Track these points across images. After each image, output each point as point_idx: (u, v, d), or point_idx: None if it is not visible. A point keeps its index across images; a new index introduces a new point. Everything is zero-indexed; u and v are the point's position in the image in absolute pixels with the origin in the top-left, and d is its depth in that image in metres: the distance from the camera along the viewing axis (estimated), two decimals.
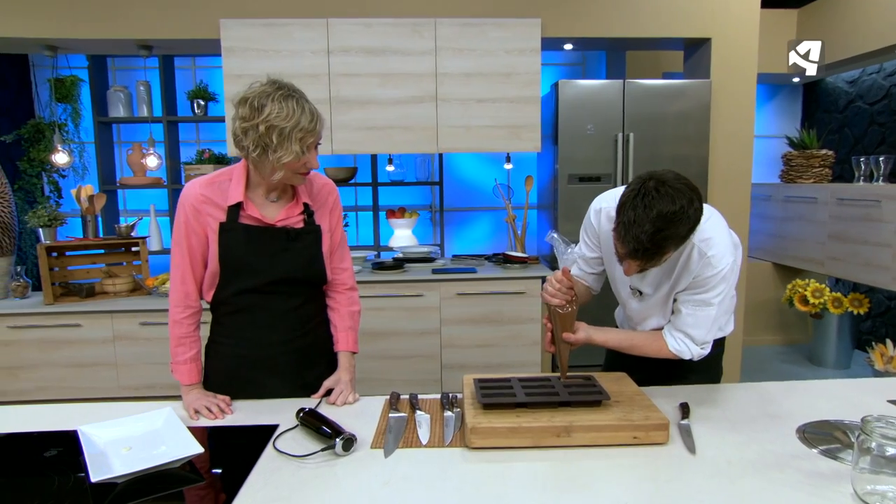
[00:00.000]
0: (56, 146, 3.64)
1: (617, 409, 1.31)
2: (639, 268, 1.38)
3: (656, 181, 1.30)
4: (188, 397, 1.52)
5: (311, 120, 1.39)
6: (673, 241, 1.30)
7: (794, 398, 1.53)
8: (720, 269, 1.43)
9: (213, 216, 1.50)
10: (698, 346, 1.51)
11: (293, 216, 1.56)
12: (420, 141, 3.43)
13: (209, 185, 1.51)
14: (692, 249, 1.45)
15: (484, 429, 1.23)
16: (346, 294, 1.72)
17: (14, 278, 3.62)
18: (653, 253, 1.30)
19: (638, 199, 1.29)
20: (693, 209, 1.29)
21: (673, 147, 3.38)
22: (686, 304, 1.49)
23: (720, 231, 1.47)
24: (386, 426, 1.36)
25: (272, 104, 1.35)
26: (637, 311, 1.63)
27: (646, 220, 1.26)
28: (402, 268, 3.55)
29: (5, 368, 3.40)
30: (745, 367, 3.99)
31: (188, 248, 1.53)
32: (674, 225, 1.27)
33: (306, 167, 1.45)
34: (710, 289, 1.46)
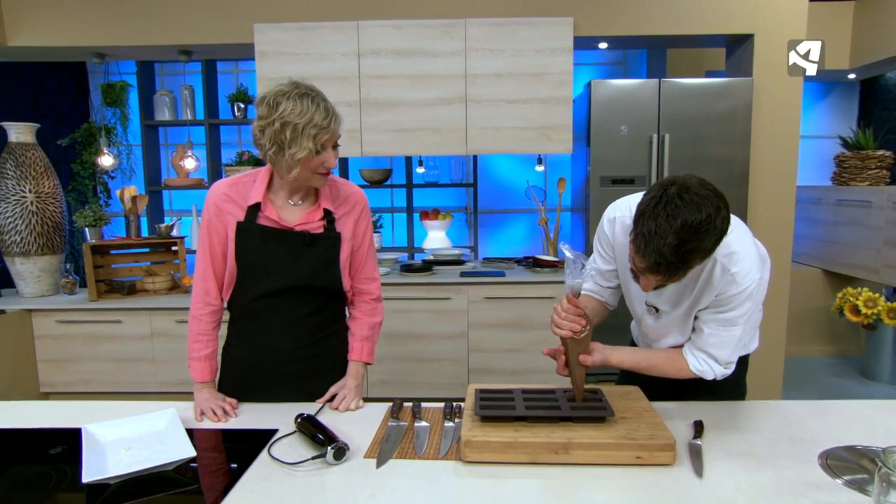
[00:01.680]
0: (102, 149, 3.79)
1: (621, 427, 1.25)
2: (658, 283, 1.28)
3: (679, 187, 1.18)
4: (198, 397, 1.54)
5: (326, 117, 1.39)
6: (698, 255, 1.19)
7: (823, 419, 1.43)
8: (745, 286, 1.33)
9: (233, 215, 1.51)
10: (722, 366, 1.42)
11: (313, 221, 1.55)
12: (449, 143, 3.41)
13: (233, 184, 1.53)
14: (714, 265, 1.34)
15: (478, 442, 1.20)
16: (371, 304, 1.69)
17: (64, 275, 3.80)
18: (676, 267, 1.19)
19: (659, 208, 1.17)
20: (720, 218, 1.18)
21: (711, 148, 3.24)
22: (708, 323, 1.40)
23: (745, 244, 1.36)
24: (384, 435, 1.34)
25: (287, 102, 1.37)
26: (653, 328, 1.53)
27: (668, 231, 1.15)
28: (430, 270, 3.53)
29: (54, 361, 3.56)
30: (788, 379, 3.80)
31: (209, 246, 1.54)
32: (700, 236, 1.16)
33: (324, 167, 1.44)
34: (735, 307, 1.35)
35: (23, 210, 3.55)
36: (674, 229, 1.15)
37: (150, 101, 4.40)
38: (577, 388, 1.33)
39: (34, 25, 3.57)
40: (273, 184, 1.54)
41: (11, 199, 3.54)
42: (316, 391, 1.59)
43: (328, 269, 1.57)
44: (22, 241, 3.57)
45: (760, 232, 3.41)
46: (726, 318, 1.37)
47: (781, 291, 3.45)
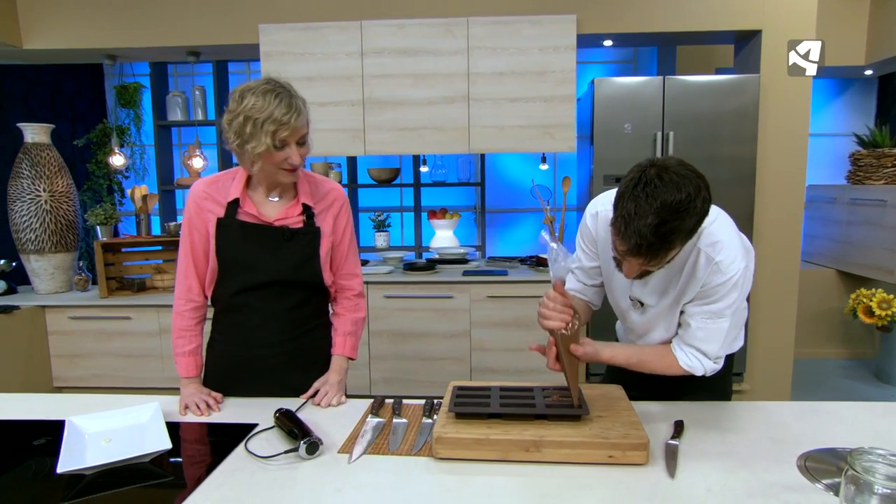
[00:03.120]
0: (113, 149, 3.87)
1: (596, 425, 1.24)
2: (641, 267, 1.26)
3: (658, 168, 1.16)
4: (184, 391, 1.56)
5: (287, 113, 1.38)
6: (679, 236, 1.17)
7: (808, 421, 1.40)
8: (731, 275, 1.31)
9: (213, 212, 1.54)
10: (711, 360, 1.40)
11: (292, 216, 1.56)
12: (452, 141, 3.41)
13: (213, 183, 1.56)
14: (698, 255, 1.33)
15: (450, 439, 1.20)
16: (353, 300, 1.72)
17: (77, 272, 3.88)
18: (657, 248, 1.17)
19: (638, 189, 1.15)
20: (701, 198, 1.16)
21: (716, 146, 3.19)
22: (695, 316, 1.38)
23: (729, 233, 1.35)
24: (361, 431, 1.35)
25: (251, 97, 1.38)
26: (638, 323, 1.51)
27: (648, 210, 1.13)
28: (433, 269, 3.53)
29: (66, 356, 3.64)
30: (799, 381, 3.72)
31: (191, 244, 1.57)
32: (680, 216, 1.14)
33: (288, 163, 1.45)
34: (721, 298, 1.34)
35: (37, 209, 3.64)
36: (653, 209, 1.13)
37: (162, 101, 4.47)
38: (572, 382, 1.31)
39: (48, 28, 3.66)
40: (252, 180, 1.55)
41: (26, 198, 3.63)
42: (299, 386, 1.60)
43: (308, 264, 1.58)
44: (37, 238, 3.66)
45: (768, 231, 3.35)
46: (713, 310, 1.35)
47: (790, 292, 3.39)
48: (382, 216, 4.31)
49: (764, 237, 3.35)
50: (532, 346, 1.40)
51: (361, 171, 4.34)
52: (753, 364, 3.41)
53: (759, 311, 3.38)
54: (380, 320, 3.42)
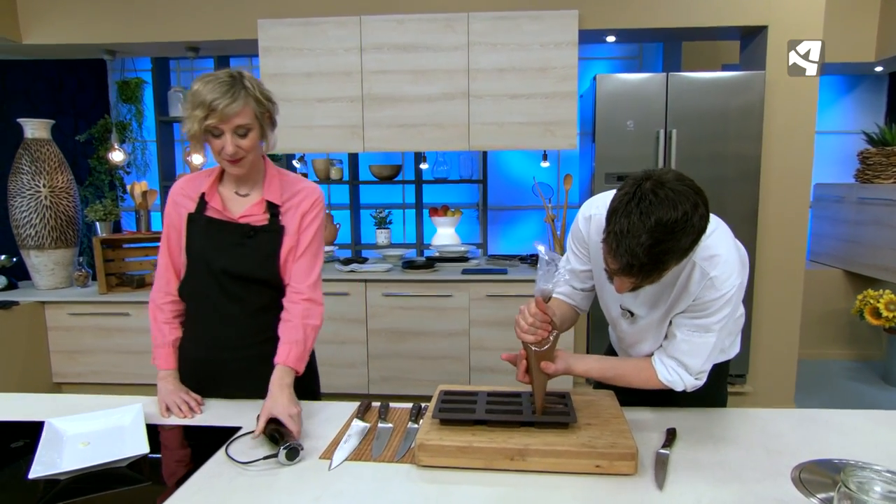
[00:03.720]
0: (112, 144, 3.85)
1: (584, 433, 1.20)
2: (632, 285, 1.22)
3: (654, 182, 1.11)
4: (163, 388, 1.54)
5: (216, 99, 1.35)
6: (674, 256, 1.12)
7: (805, 430, 1.36)
8: (724, 292, 1.25)
9: (186, 208, 1.55)
10: (693, 375, 1.34)
11: (257, 213, 1.53)
12: (452, 138, 3.37)
13: (191, 180, 1.57)
14: (693, 268, 1.28)
15: (433, 446, 1.17)
16: (302, 305, 1.53)
17: (77, 268, 3.88)
18: (650, 269, 1.12)
19: (632, 205, 1.10)
20: (698, 216, 1.11)
21: (721, 144, 3.14)
22: (682, 328, 1.33)
23: (726, 247, 1.29)
24: (344, 436, 1.32)
25: (200, 83, 1.39)
26: (628, 333, 1.47)
27: (642, 229, 1.08)
28: (432, 267, 3.50)
29: (66, 352, 3.64)
30: (803, 383, 3.67)
31: (168, 239, 1.57)
32: (675, 236, 1.09)
33: (225, 153, 1.41)
34: (712, 314, 1.28)
35: (37, 204, 3.63)
36: (647, 228, 1.08)
37: (164, 97, 4.45)
38: (538, 398, 1.26)
39: (47, 23, 3.64)
40: (223, 176, 1.56)
41: (26, 193, 3.62)
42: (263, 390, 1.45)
43: (267, 262, 1.53)
44: (36, 234, 3.65)
45: (773, 231, 3.30)
46: (701, 324, 1.31)
47: (795, 292, 3.34)
48: (384, 213, 4.28)
49: (769, 236, 3.30)
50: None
51: (363, 168, 4.31)
52: (756, 365, 3.36)
53: (762, 312, 3.33)
54: (378, 318, 3.39)
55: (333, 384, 3.44)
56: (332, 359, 3.41)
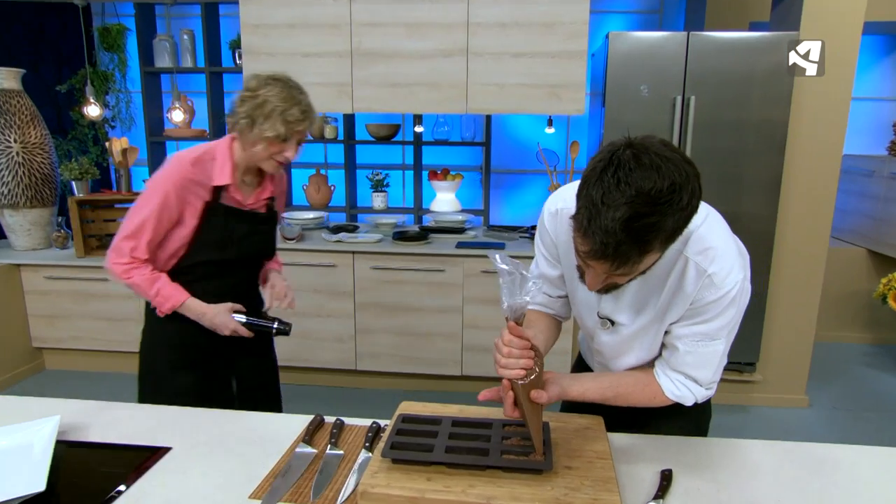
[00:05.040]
0: (88, 98, 3.60)
1: (560, 482, 1.01)
2: (607, 278, 0.99)
3: (636, 149, 0.90)
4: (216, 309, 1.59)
5: (302, 113, 1.49)
6: (657, 236, 0.90)
7: (828, 476, 1.15)
8: (727, 290, 1.06)
9: (197, 195, 1.54)
10: (704, 387, 1.16)
11: (260, 201, 1.67)
12: (448, 100, 3.09)
13: (197, 163, 1.54)
14: (686, 266, 1.07)
15: (377, 495, 0.98)
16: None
17: (56, 229, 3.70)
18: (628, 251, 0.90)
19: (608, 173, 0.89)
20: (689, 191, 0.89)
21: (744, 110, 2.83)
22: (683, 339, 1.13)
23: (721, 237, 1.08)
24: (284, 466, 1.13)
25: (277, 86, 1.48)
26: (608, 345, 1.24)
27: (619, 200, 0.87)
28: (426, 239, 3.28)
29: (44, 316, 3.50)
30: (818, 368, 3.46)
31: (157, 215, 1.50)
32: (660, 210, 0.87)
33: (283, 156, 1.53)
34: (715, 317, 1.08)
35: (9, 161, 3.43)
36: (626, 198, 0.86)
37: (149, 45, 4.16)
38: (535, 435, 1.05)
39: None
40: (235, 163, 1.59)
41: None
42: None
43: (271, 243, 1.77)
44: (9, 192, 3.46)
45: (796, 205, 3.01)
46: (704, 331, 1.10)
47: (816, 271, 3.07)
48: (380, 175, 4.04)
49: (791, 211, 3.02)
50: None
51: (359, 127, 4.04)
52: (768, 351, 3.14)
53: (779, 293, 3.08)
54: (366, 292, 3.20)
55: (320, 359, 3.29)
56: (318, 332, 3.24)
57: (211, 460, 1.16)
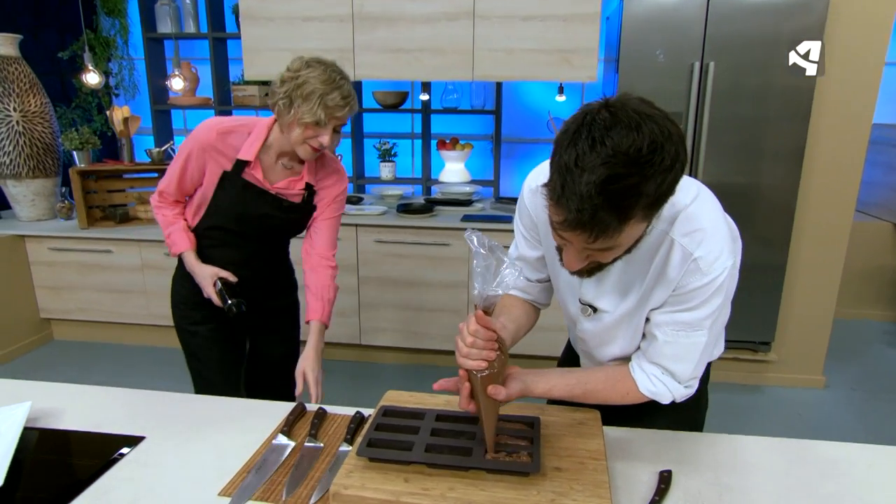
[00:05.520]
0: (87, 65, 3.52)
1: (548, 486, 0.93)
2: (587, 255, 0.90)
3: (612, 108, 0.81)
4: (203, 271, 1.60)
5: (343, 98, 1.43)
6: (639, 202, 0.80)
7: (837, 481, 1.06)
8: (713, 276, 0.96)
9: (217, 162, 1.55)
10: (682, 384, 1.06)
11: (293, 190, 1.61)
12: (453, 66, 2.95)
13: (227, 133, 1.54)
14: (671, 248, 0.97)
15: (350, 497, 0.91)
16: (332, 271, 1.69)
17: (59, 199, 3.66)
18: (606, 218, 0.80)
19: (582, 135, 0.79)
20: (671, 152, 0.79)
21: (766, 77, 2.66)
22: (662, 327, 1.03)
23: (712, 219, 0.99)
24: (258, 460, 1.07)
25: (319, 69, 1.43)
26: (591, 333, 1.16)
27: (595, 161, 0.77)
28: (431, 211, 3.19)
29: (50, 288, 3.50)
30: (836, 347, 3.33)
31: (181, 168, 1.58)
32: (640, 170, 0.78)
33: (318, 141, 1.46)
34: (699, 305, 0.99)
35: (9, 130, 3.37)
36: (602, 159, 0.77)
37: (151, 10, 4.05)
38: (488, 434, 0.98)
39: None
40: (266, 142, 1.56)
41: None
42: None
43: (293, 230, 1.70)
44: (11, 163, 3.42)
45: (820, 176, 2.85)
46: (687, 320, 1.01)
47: (838, 246, 2.92)
48: (388, 145, 3.93)
49: (814, 182, 2.86)
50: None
51: (366, 94, 3.92)
52: (785, 329, 3.03)
53: (798, 268, 2.95)
54: (369, 266, 3.13)
55: None
56: None
57: (183, 452, 1.11)
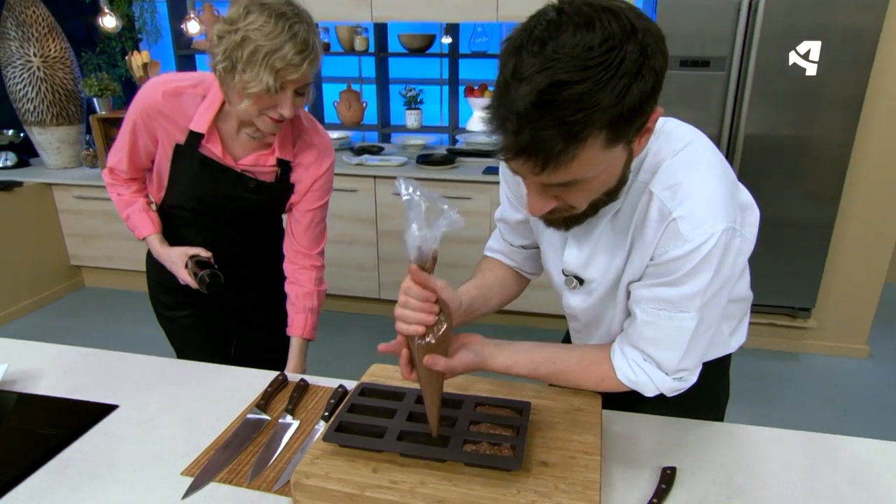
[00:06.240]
0: (102, 7, 3.42)
1: (531, 484, 0.84)
2: (547, 191, 0.75)
3: (562, 7, 0.66)
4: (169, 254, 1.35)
5: (299, 53, 1.10)
6: (591, 116, 0.63)
7: (862, 488, 0.93)
8: (697, 243, 0.78)
9: (167, 132, 1.28)
10: (669, 374, 0.89)
11: (263, 166, 1.32)
12: (476, 7, 2.75)
13: (174, 96, 1.26)
14: (650, 202, 0.82)
15: (312, 488, 0.84)
16: (315, 272, 1.43)
17: (85, 147, 3.66)
18: (550, 140, 0.64)
19: (525, 40, 0.65)
20: (638, 49, 0.63)
21: (823, 18, 2.37)
22: (642, 303, 0.87)
23: (702, 173, 0.81)
24: (227, 438, 1.01)
25: (260, 15, 1.09)
26: (578, 309, 1.01)
27: (534, 68, 0.63)
28: (452, 163, 3.04)
29: (78, 235, 3.54)
30: (883, 314, 3.10)
31: (131, 139, 1.31)
32: (590, 74, 0.62)
33: (277, 112, 1.16)
34: (683, 280, 0.81)
35: (30, 76, 3.34)
36: (541, 64, 0.62)
37: None
38: (430, 413, 0.87)
39: None
40: (224, 108, 1.26)
41: (17, 63, 3.32)
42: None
43: (269, 215, 1.43)
44: (34, 109, 3.40)
45: (880, 127, 2.57)
46: (668, 297, 0.83)
47: (891, 202, 2.66)
48: (414, 91, 3.76)
49: (873, 134, 2.58)
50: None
51: (392, 38, 3.73)
52: (828, 293, 2.82)
53: (848, 227, 2.70)
54: (389, 220, 3.04)
55: (342, 286, 3.20)
56: (340, 260, 3.14)
57: (154, 424, 1.05)
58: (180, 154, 1.28)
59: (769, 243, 2.69)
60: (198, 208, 1.36)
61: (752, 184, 0.98)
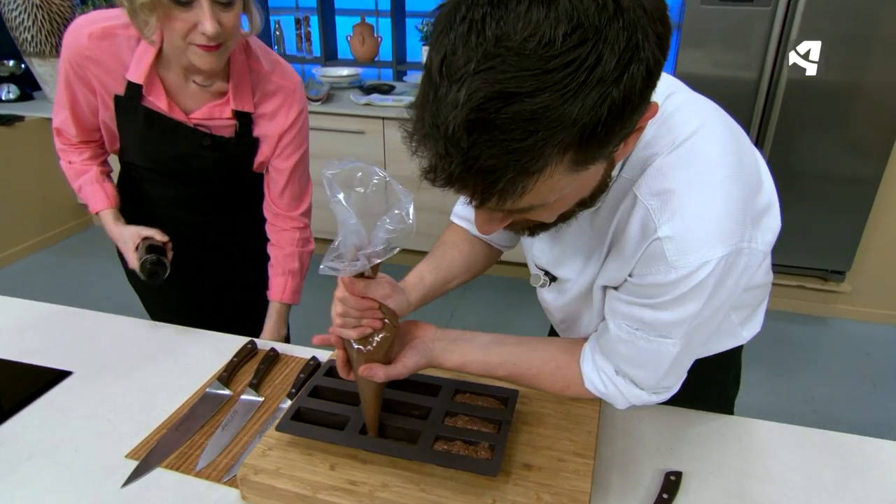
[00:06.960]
0: None
1: (512, 490, 0.72)
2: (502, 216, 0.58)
3: None
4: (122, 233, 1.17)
5: None
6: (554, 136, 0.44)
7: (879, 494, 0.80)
8: (685, 272, 0.62)
9: (102, 82, 1.09)
10: (646, 391, 0.77)
11: (218, 119, 1.12)
12: None
13: (102, 38, 1.06)
14: (634, 205, 0.65)
15: (259, 485, 0.74)
16: (297, 233, 1.27)
17: None
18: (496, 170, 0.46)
19: (458, 12, 0.45)
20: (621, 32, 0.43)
21: None
22: (617, 318, 0.73)
23: (706, 178, 0.61)
24: (180, 417, 0.91)
25: None
26: (556, 307, 0.87)
27: (468, 66, 0.44)
28: None
29: None
30: None
31: (69, 99, 1.13)
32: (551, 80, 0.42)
33: (199, 32, 0.94)
34: (665, 306, 0.66)
35: (26, 3, 3.17)
36: (481, 59, 0.43)
37: None
38: (367, 417, 0.77)
39: None
40: (163, 53, 1.06)
41: None
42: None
43: (234, 174, 1.22)
44: (32, 39, 3.25)
45: None
46: (647, 321, 0.69)
47: None
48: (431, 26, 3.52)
49: None
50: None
51: None
52: (866, 255, 2.61)
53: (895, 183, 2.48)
54: (398, 164, 2.88)
55: None
56: None
57: (107, 395, 0.96)
58: (122, 108, 1.11)
59: (805, 199, 2.49)
60: (154, 168, 1.20)
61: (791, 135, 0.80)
